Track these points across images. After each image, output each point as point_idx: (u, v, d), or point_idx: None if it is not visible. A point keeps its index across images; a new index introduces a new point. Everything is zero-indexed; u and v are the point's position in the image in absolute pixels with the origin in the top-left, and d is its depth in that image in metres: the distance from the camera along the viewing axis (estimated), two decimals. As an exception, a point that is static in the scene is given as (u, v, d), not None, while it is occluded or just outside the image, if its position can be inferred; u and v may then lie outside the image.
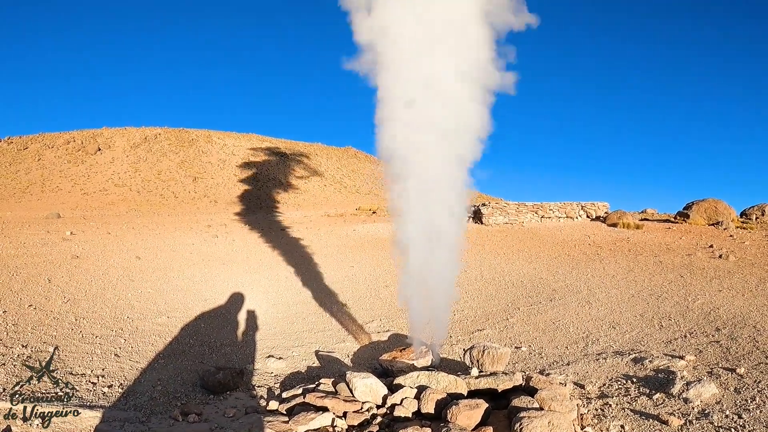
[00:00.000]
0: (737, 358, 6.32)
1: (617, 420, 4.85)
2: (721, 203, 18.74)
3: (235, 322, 9.04)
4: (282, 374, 6.93)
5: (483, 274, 12.34)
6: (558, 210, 20.16)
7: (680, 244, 14.11)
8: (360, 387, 5.19)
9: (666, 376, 5.79)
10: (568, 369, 6.47)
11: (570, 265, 12.63)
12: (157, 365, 6.83)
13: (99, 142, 42.06)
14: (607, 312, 8.99)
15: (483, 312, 9.64)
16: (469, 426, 4.44)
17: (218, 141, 47.56)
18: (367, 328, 8.93)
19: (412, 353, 6.34)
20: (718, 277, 10.45)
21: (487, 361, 5.80)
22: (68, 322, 7.99)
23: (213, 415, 5.48)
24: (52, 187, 33.72)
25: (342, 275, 12.71)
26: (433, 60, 6.11)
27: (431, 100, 6.12)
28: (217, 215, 26.32)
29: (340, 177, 46.13)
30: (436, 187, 6.33)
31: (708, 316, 8.22)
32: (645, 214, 21.35)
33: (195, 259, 13.60)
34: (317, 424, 4.68)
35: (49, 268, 10.85)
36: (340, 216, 24.92)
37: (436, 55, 6.11)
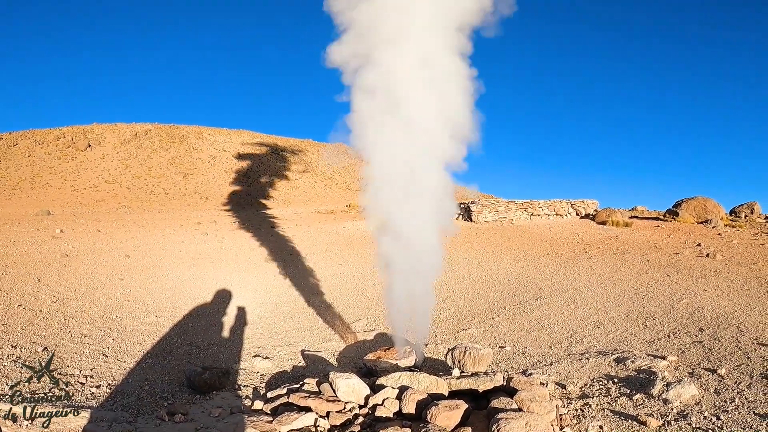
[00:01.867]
0: (719, 358, 6.38)
1: (596, 421, 4.91)
2: (710, 201, 18.83)
3: (223, 322, 9.07)
4: (268, 374, 6.98)
5: (471, 272, 12.41)
6: (547, 207, 20.23)
7: (668, 243, 14.20)
8: (343, 387, 5.25)
9: (647, 376, 5.86)
10: (550, 369, 6.53)
11: (557, 264, 12.70)
12: (144, 365, 6.87)
13: (89, 138, 41.85)
14: (592, 311, 9.06)
15: (469, 311, 9.71)
16: (448, 426, 4.50)
17: (209, 137, 47.38)
18: (354, 327, 8.98)
19: (396, 353, 6.40)
20: (704, 276, 10.53)
21: (469, 361, 5.87)
22: (57, 321, 8.02)
23: (199, 415, 5.53)
24: (42, 183, 33.56)
25: (330, 273, 12.75)
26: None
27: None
28: (208, 212, 26.27)
29: (330, 173, 46.08)
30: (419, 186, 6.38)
31: (692, 315, 8.29)
32: (635, 211, 21.48)
33: (184, 258, 13.60)
34: (300, 424, 4.74)
35: (39, 267, 10.86)
36: (330, 213, 24.93)
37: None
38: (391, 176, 6.36)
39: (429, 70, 6.30)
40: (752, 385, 5.43)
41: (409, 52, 6.26)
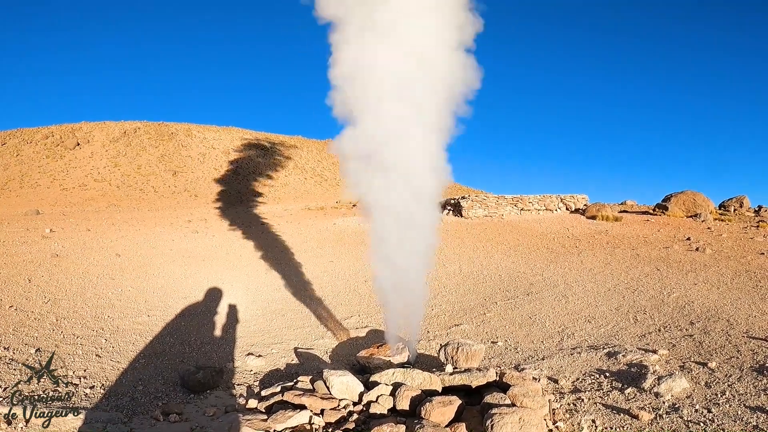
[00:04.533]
0: (709, 352, 6.44)
1: (589, 415, 4.95)
2: (699, 195, 18.96)
3: (215, 320, 9.06)
4: (261, 372, 6.99)
5: (462, 268, 12.45)
6: (537, 203, 20.28)
7: (658, 237, 14.30)
8: (337, 385, 5.26)
9: (639, 370, 5.91)
10: (542, 364, 6.57)
11: (548, 259, 12.76)
12: (138, 365, 6.86)
13: (78, 136, 41.56)
14: (583, 306, 9.13)
15: (461, 307, 9.75)
16: (442, 422, 4.53)
17: (198, 135, 47.14)
18: (346, 324, 9.00)
19: (388, 350, 6.42)
20: (694, 270, 10.62)
21: (462, 357, 5.90)
22: (49, 322, 7.98)
23: (193, 414, 5.54)
24: (31, 182, 33.32)
25: (321, 270, 12.76)
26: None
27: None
28: (198, 209, 26.19)
29: (320, 170, 45.98)
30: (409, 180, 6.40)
31: (682, 309, 8.37)
32: (624, 205, 21.58)
33: (175, 256, 13.56)
34: (295, 422, 4.75)
35: (29, 268, 10.80)
36: (320, 209, 24.91)
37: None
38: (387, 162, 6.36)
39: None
40: (742, 377, 5.48)
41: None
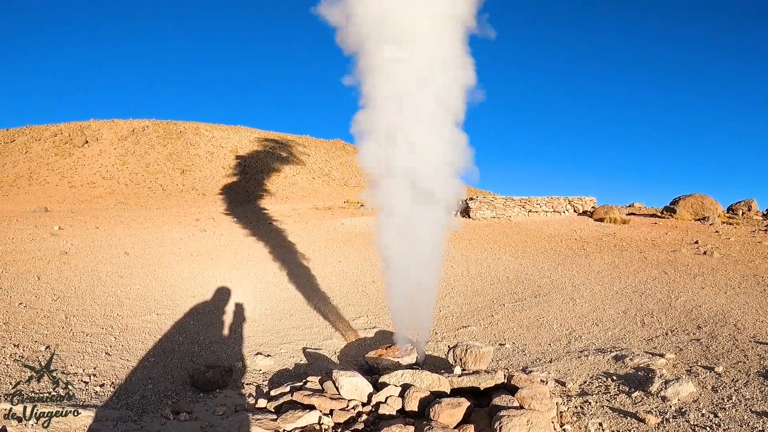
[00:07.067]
0: (716, 356, 6.44)
1: (596, 418, 4.97)
2: (707, 198, 18.92)
3: (223, 319, 9.09)
4: (270, 372, 7.02)
5: (469, 269, 12.46)
6: (545, 204, 20.29)
7: (666, 240, 14.28)
8: (346, 385, 5.29)
9: (646, 374, 5.92)
10: (550, 366, 6.59)
11: (556, 261, 12.77)
12: (147, 363, 6.89)
13: (86, 134, 41.83)
14: (590, 309, 9.13)
15: (469, 308, 9.76)
16: (451, 424, 4.55)
17: (206, 133, 47.37)
18: (354, 325, 9.02)
19: (397, 351, 6.45)
20: (701, 273, 10.61)
21: (470, 359, 5.92)
22: (59, 320, 8.03)
23: (203, 413, 5.56)
24: (40, 180, 33.55)
25: (329, 270, 12.79)
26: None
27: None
28: (206, 208, 26.30)
29: (328, 169, 46.12)
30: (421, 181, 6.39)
31: (690, 313, 8.36)
32: (632, 208, 21.57)
33: (183, 255, 13.63)
34: (304, 422, 4.78)
35: (38, 265, 10.88)
36: (328, 209, 24.96)
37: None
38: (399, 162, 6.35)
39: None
40: (749, 382, 5.49)
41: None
